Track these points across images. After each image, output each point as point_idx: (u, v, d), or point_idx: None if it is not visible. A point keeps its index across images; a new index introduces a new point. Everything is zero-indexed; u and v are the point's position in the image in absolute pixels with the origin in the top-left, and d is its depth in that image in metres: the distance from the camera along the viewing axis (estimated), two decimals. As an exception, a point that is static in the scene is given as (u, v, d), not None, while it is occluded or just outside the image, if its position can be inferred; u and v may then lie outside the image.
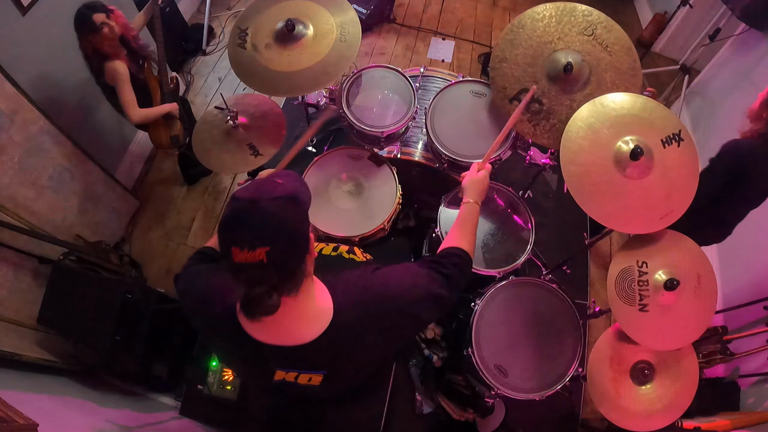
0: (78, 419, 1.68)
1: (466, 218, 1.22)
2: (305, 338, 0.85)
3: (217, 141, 1.74)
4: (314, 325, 0.86)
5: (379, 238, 1.86)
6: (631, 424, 1.47)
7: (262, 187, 0.78)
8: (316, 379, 0.93)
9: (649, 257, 1.48)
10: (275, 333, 0.85)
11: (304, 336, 0.85)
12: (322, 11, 1.69)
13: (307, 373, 0.91)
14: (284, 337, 0.85)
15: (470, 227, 1.19)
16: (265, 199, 0.75)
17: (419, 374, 2.09)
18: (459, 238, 1.13)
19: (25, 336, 2.01)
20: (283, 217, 0.75)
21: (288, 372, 0.91)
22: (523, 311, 1.73)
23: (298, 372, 0.91)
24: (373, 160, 1.91)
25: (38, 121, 2.01)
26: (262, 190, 0.77)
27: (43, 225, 2.15)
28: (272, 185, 0.79)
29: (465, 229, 1.18)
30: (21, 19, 1.93)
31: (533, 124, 1.61)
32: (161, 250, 2.77)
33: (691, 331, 1.46)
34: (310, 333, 0.85)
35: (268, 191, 0.77)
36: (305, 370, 0.91)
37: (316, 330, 0.86)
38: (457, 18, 3.88)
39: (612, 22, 1.59)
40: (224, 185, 2.98)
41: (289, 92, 1.69)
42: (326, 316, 0.87)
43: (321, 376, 0.92)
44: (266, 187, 0.78)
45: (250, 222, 0.73)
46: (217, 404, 1.95)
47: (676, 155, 1.41)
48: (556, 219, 2.52)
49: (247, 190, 0.77)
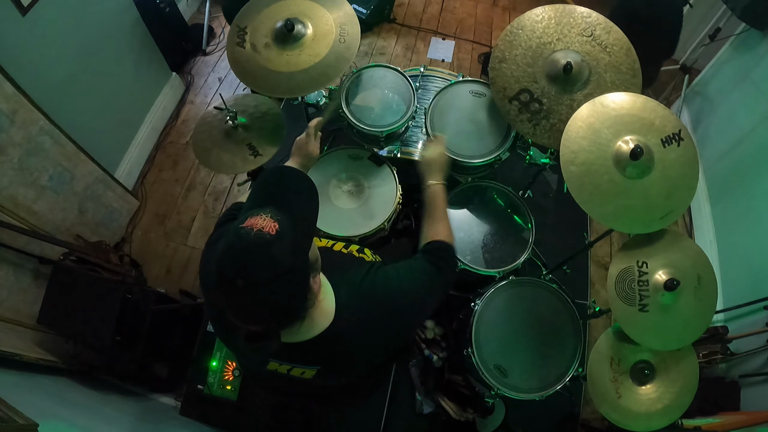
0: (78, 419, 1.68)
1: (437, 204, 1.20)
2: (304, 336, 0.86)
3: (217, 141, 1.74)
4: (315, 325, 0.86)
5: (379, 238, 1.86)
6: (632, 424, 1.47)
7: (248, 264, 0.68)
8: (309, 373, 0.93)
9: (649, 257, 1.48)
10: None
11: (304, 334, 0.86)
12: (321, 10, 1.69)
13: (300, 367, 0.92)
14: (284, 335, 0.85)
15: (441, 212, 1.18)
16: (253, 285, 0.67)
17: (419, 374, 2.09)
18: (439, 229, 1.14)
19: (25, 336, 2.01)
20: (275, 300, 0.70)
21: (281, 364, 0.91)
22: (523, 311, 1.73)
23: (291, 365, 0.91)
24: (373, 160, 1.90)
25: (38, 121, 2.01)
26: (249, 269, 0.67)
27: (43, 225, 2.15)
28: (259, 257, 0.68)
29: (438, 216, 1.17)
30: (21, 19, 1.93)
31: (533, 124, 1.61)
32: (161, 250, 2.77)
33: (691, 331, 1.46)
34: (310, 332, 0.86)
35: (256, 270, 0.67)
36: (299, 365, 0.91)
37: (316, 329, 0.86)
38: (457, 18, 3.88)
39: (611, 24, 1.59)
40: (224, 185, 2.98)
41: (288, 93, 1.69)
42: (328, 316, 0.87)
43: (314, 371, 0.93)
44: (251, 264, 0.68)
45: (240, 304, 0.70)
46: (217, 404, 1.95)
47: (676, 155, 1.41)
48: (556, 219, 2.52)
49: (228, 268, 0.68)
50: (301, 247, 0.74)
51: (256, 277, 0.67)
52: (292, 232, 0.70)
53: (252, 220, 0.70)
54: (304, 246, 0.75)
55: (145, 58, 2.86)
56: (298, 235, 0.72)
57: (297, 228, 0.72)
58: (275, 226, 0.69)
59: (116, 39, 2.59)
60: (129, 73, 2.78)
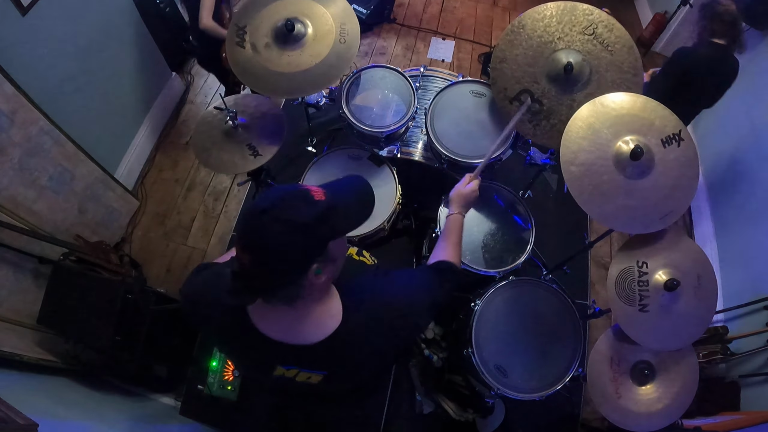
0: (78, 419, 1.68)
1: (452, 230, 1.27)
2: (311, 339, 0.86)
3: (217, 141, 1.74)
4: (322, 328, 0.87)
5: (379, 238, 1.86)
6: (632, 424, 1.47)
7: (285, 200, 0.76)
8: (316, 378, 0.93)
9: (649, 257, 1.48)
10: (284, 330, 0.86)
11: (310, 337, 0.86)
12: (320, 10, 1.69)
13: (307, 372, 0.92)
14: (291, 336, 0.86)
15: (456, 238, 1.25)
16: (271, 215, 0.74)
17: (419, 374, 2.09)
18: (450, 252, 1.20)
19: (25, 336, 2.01)
20: (274, 240, 0.74)
21: (288, 369, 0.91)
22: (523, 311, 1.73)
23: (298, 370, 0.91)
24: (373, 160, 1.91)
25: (38, 121, 2.01)
26: (280, 204, 0.75)
27: (43, 225, 2.15)
28: (296, 203, 0.76)
29: (452, 241, 1.24)
30: (21, 19, 1.93)
31: (533, 124, 1.60)
32: (161, 250, 2.77)
33: (691, 331, 1.46)
34: (316, 335, 0.86)
35: (284, 209, 0.75)
36: (306, 369, 0.91)
37: (322, 333, 0.86)
38: (457, 18, 3.88)
39: (613, 21, 1.58)
40: (224, 185, 2.98)
41: (288, 93, 1.69)
42: (335, 320, 0.88)
43: (321, 377, 0.93)
44: (287, 203, 0.76)
45: (248, 228, 0.76)
46: (217, 404, 1.95)
47: (676, 155, 1.41)
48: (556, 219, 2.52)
49: (270, 196, 0.77)
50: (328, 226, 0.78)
51: (275, 212, 0.74)
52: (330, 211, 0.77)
53: (310, 185, 0.81)
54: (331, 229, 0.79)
55: (145, 58, 2.86)
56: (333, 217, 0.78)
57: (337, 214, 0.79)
58: (323, 197, 0.78)
59: (116, 39, 2.59)
60: (129, 73, 2.78)
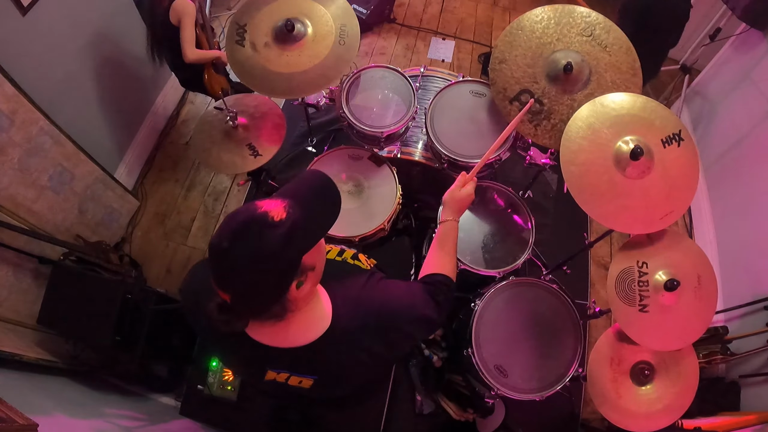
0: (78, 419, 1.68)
1: (445, 238, 1.20)
2: (299, 341, 0.86)
3: (217, 141, 1.74)
4: (311, 330, 0.86)
5: (379, 238, 1.86)
6: (632, 424, 1.47)
7: (244, 232, 0.71)
8: (307, 383, 0.93)
9: (649, 257, 1.48)
10: (272, 335, 0.85)
11: (299, 339, 0.86)
12: (320, 10, 1.69)
13: (297, 376, 0.92)
14: (280, 339, 0.85)
15: (450, 247, 1.18)
16: (236, 253, 0.70)
17: (419, 374, 2.09)
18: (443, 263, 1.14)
19: (25, 336, 2.01)
20: (246, 278, 0.71)
21: (279, 373, 0.91)
22: (523, 311, 1.73)
23: (289, 374, 0.91)
24: (373, 160, 1.90)
25: (38, 121, 2.01)
26: (242, 237, 0.70)
27: (43, 225, 2.15)
28: (257, 230, 0.70)
29: (446, 250, 1.17)
30: (21, 19, 1.93)
31: (534, 124, 1.61)
32: (161, 250, 2.77)
33: (691, 331, 1.46)
34: (305, 337, 0.86)
35: (246, 242, 0.70)
36: (296, 373, 0.91)
37: (311, 335, 0.86)
38: (457, 18, 3.88)
39: (610, 23, 1.59)
40: (224, 185, 2.98)
41: (287, 94, 1.69)
42: (324, 322, 0.87)
43: (311, 381, 0.92)
44: (247, 234, 0.70)
45: (217, 269, 0.73)
46: (217, 404, 1.95)
47: (676, 155, 1.42)
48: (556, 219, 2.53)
49: (228, 231, 0.71)
50: (297, 244, 0.74)
51: (239, 248, 0.70)
52: (295, 227, 0.72)
53: (268, 201, 0.74)
54: (300, 246, 0.75)
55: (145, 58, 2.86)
56: (299, 232, 0.73)
57: (303, 227, 0.74)
58: (283, 215, 0.72)
59: (116, 39, 2.59)
60: (129, 73, 2.78)
